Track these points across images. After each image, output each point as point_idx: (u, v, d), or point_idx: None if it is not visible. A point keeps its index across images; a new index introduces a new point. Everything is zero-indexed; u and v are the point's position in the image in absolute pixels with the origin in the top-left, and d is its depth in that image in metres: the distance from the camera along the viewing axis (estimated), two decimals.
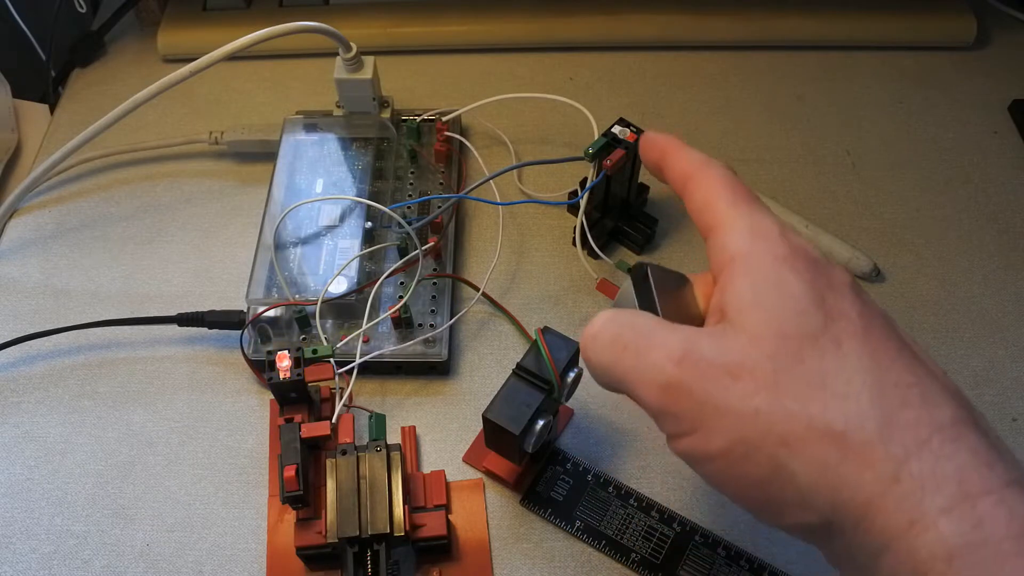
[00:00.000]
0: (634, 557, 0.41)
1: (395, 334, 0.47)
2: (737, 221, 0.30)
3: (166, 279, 0.52)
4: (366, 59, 0.54)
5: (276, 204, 0.52)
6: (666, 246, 0.53)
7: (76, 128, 0.52)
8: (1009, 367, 0.48)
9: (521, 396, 0.39)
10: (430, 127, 0.56)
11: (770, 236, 0.29)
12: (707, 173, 0.31)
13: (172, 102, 0.61)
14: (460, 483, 0.44)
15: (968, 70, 0.63)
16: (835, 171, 0.57)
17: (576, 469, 0.44)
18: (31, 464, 0.45)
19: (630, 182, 0.51)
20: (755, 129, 0.60)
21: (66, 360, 0.49)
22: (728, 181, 0.31)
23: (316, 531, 0.39)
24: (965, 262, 0.53)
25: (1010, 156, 0.58)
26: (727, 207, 0.30)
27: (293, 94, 0.62)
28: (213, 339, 0.49)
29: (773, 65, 0.63)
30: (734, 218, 0.30)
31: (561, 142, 0.59)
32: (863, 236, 0.53)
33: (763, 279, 0.28)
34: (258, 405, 0.47)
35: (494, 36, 0.64)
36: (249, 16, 0.64)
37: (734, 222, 0.30)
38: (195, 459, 0.45)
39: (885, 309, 0.29)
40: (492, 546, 0.42)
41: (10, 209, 0.55)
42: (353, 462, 0.39)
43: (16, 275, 0.53)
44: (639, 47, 0.64)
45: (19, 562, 0.42)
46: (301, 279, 0.49)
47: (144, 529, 0.43)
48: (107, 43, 0.66)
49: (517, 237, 0.54)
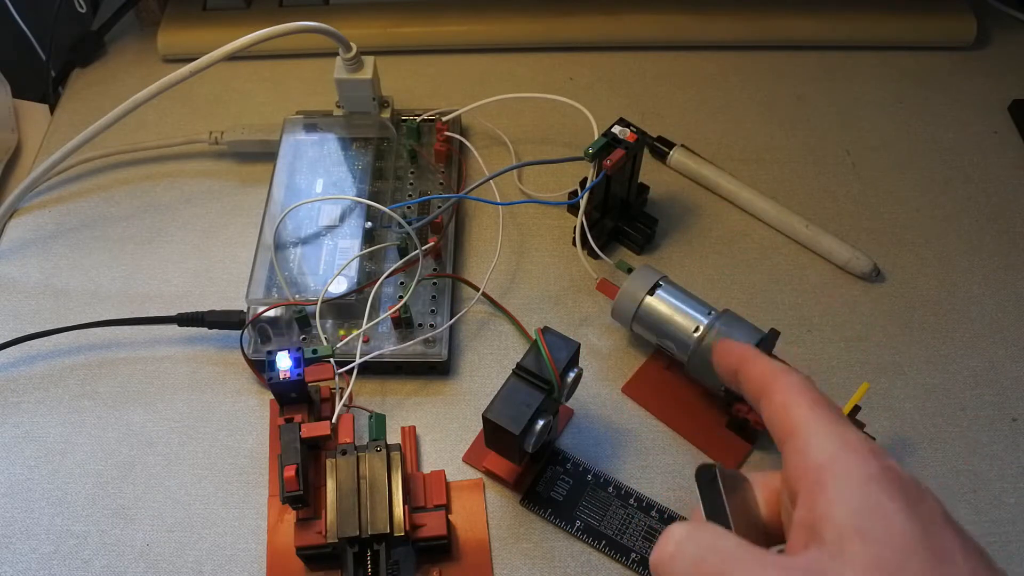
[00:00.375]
0: (634, 557, 0.41)
1: (395, 334, 0.47)
2: (821, 427, 0.28)
3: (166, 279, 0.52)
4: (366, 59, 0.54)
5: (276, 204, 0.52)
6: (666, 246, 0.53)
7: (76, 128, 0.52)
8: (1009, 367, 0.48)
9: (521, 396, 0.39)
10: (430, 127, 0.56)
11: (860, 450, 0.26)
12: (787, 379, 0.30)
13: (172, 102, 0.61)
14: (460, 483, 0.44)
15: (968, 70, 0.63)
16: (835, 171, 0.57)
17: (576, 469, 0.44)
18: (31, 464, 0.45)
19: (630, 182, 0.51)
20: (755, 129, 0.60)
21: (66, 360, 0.49)
22: (808, 388, 0.29)
23: (316, 531, 0.39)
24: (965, 262, 0.53)
25: (1010, 156, 0.58)
26: (808, 411, 0.28)
27: (293, 94, 0.62)
28: (213, 339, 0.49)
29: (773, 65, 0.63)
30: (817, 423, 0.28)
31: (561, 142, 0.59)
32: (863, 236, 0.53)
33: (861, 502, 0.25)
34: (258, 405, 0.47)
35: (494, 36, 0.64)
36: (249, 16, 0.64)
37: (817, 427, 0.28)
38: (195, 459, 0.45)
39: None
40: (492, 546, 0.42)
41: (10, 209, 0.55)
42: (353, 462, 0.39)
43: (16, 275, 0.53)
44: (639, 47, 0.64)
45: (19, 562, 0.42)
46: (301, 279, 0.49)
47: (144, 529, 0.43)
48: (107, 43, 0.66)
49: (517, 237, 0.54)
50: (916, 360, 0.49)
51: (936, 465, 0.45)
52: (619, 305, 0.46)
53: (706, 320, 0.44)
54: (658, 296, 0.45)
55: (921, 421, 0.46)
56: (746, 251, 0.53)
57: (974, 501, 0.43)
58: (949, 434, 0.46)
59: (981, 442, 0.45)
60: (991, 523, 0.43)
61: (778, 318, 0.50)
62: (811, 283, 0.52)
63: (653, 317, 0.45)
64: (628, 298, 0.46)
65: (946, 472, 0.44)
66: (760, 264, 0.53)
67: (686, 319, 0.44)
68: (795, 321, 0.50)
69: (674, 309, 0.45)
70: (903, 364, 0.48)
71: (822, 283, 0.52)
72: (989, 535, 0.42)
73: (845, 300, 0.51)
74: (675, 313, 0.44)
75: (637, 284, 0.45)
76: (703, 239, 0.54)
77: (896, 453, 0.45)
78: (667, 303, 0.45)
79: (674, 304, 0.45)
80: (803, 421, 0.28)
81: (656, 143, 0.57)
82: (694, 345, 0.43)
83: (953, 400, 0.47)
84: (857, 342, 0.49)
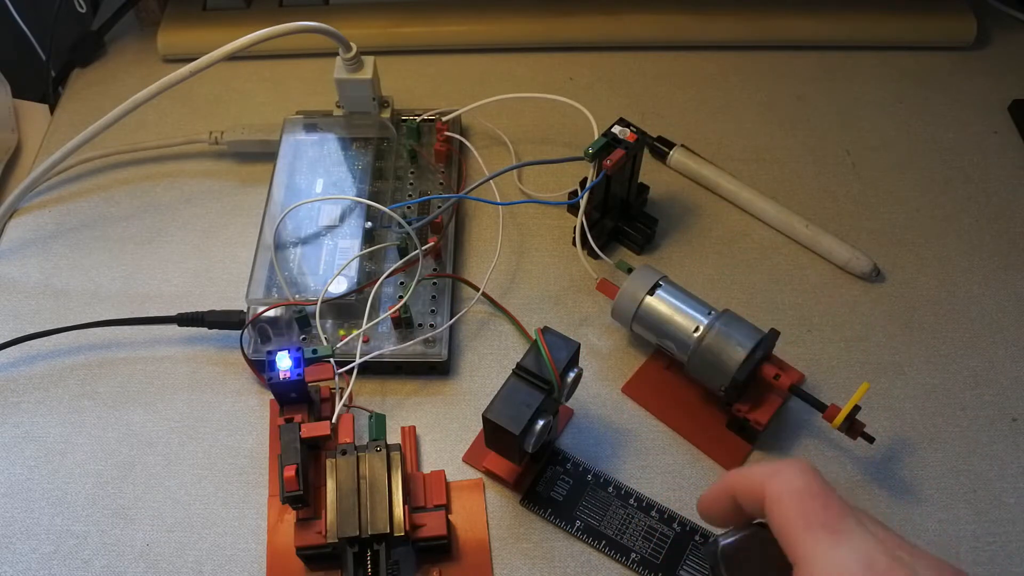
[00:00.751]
0: (634, 557, 0.41)
1: (395, 334, 0.47)
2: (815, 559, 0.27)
3: (166, 279, 0.52)
4: (366, 59, 0.54)
5: (276, 204, 0.52)
6: (666, 246, 0.53)
7: (76, 128, 0.52)
8: (1009, 367, 0.48)
9: (521, 396, 0.39)
10: (430, 127, 0.56)
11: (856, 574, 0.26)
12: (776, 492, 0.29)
13: (172, 102, 0.61)
14: (460, 483, 0.44)
15: (968, 70, 0.63)
16: (835, 171, 0.57)
17: (576, 469, 0.44)
18: (31, 464, 0.45)
19: (630, 182, 0.51)
20: (755, 129, 0.60)
21: (66, 360, 0.49)
22: (797, 498, 0.29)
23: (316, 531, 0.39)
24: (965, 262, 0.53)
25: (1010, 156, 0.58)
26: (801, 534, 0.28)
27: (293, 94, 0.62)
28: (213, 339, 0.49)
29: (773, 65, 0.63)
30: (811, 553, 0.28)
31: (561, 142, 0.59)
32: (863, 236, 0.53)
33: None
34: (258, 405, 0.47)
35: (494, 36, 0.64)
36: (249, 16, 0.64)
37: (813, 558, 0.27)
38: (195, 459, 0.45)
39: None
40: (492, 546, 0.42)
41: (10, 209, 0.55)
42: (353, 462, 0.39)
43: (16, 275, 0.53)
44: (639, 47, 0.64)
45: (19, 562, 0.42)
46: (301, 279, 0.49)
47: (144, 529, 0.43)
48: (107, 43, 0.66)
49: (517, 237, 0.54)
50: (916, 360, 0.49)
51: (936, 465, 0.45)
52: (619, 305, 0.46)
53: (706, 320, 0.44)
54: (658, 296, 0.45)
55: (921, 421, 0.46)
56: (746, 251, 0.53)
57: (974, 501, 0.43)
58: (949, 434, 0.46)
59: (981, 442, 0.45)
60: (991, 523, 0.43)
61: (778, 318, 0.50)
62: (811, 283, 0.52)
63: (653, 317, 0.45)
64: (628, 298, 0.46)
65: (946, 472, 0.44)
66: (760, 264, 0.53)
67: (686, 319, 0.44)
68: (795, 321, 0.50)
69: (674, 309, 0.45)
70: (903, 364, 0.48)
71: (822, 283, 0.52)
72: (989, 535, 0.42)
73: (845, 300, 0.51)
74: (675, 313, 0.44)
75: (637, 284, 0.45)
76: (703, 239, 0.54)
77: (896, 453, 0.45)
78: (667, 303, 0.45)
79: (674, 304, 0.45)
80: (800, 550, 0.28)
81: (656, 143, 0.57)
82: (694, 345, 0.43)
83: (953, 400, 0.47)
84: (857, 342, 0.49)
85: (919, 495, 0.44)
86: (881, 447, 0.45)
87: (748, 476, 0.31)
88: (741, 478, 0.31)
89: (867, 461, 0.45)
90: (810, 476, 0.29)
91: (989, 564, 0.41)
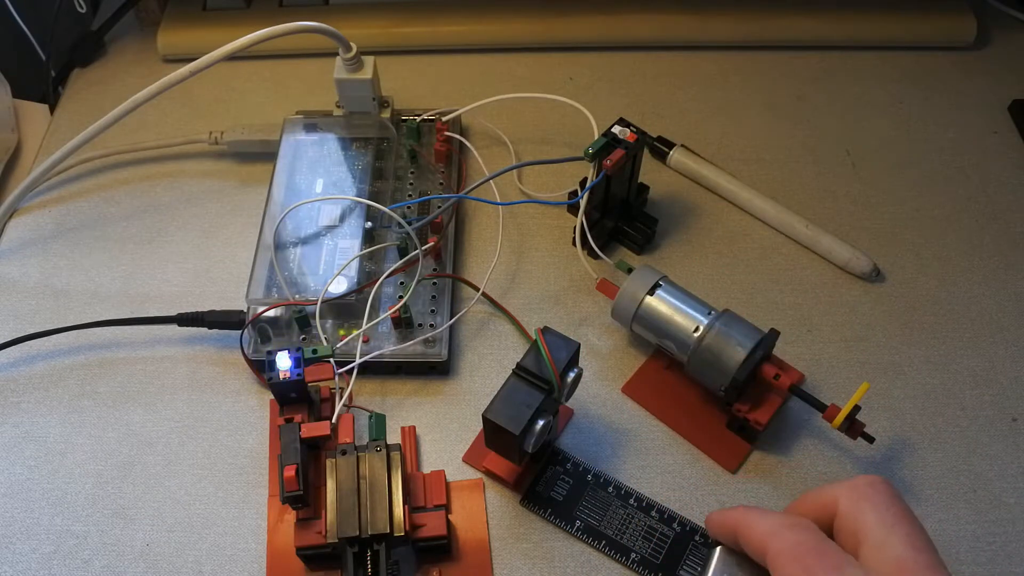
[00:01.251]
0: (634, 557, 0.41)
1: (395, 334, 0.47)
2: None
3: (166, 279, 0.52)
4: (366, 59, 0.54)
5: (276, 204, 0.52)
6: (666, 246, 0.53)
7: (76, 128, 0.52)
8: (1009, 367, 0.48)
9: (521, 396, 0.39)
10: (430, 127, 0.56)
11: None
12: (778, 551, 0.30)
13: (172, 102, 0.61)
14: (460, 483, 0.44)
15: (968, 70, 0.63)
16: (835, 171, 0.57)
17: (576, 469, 0.44)
18: (31, 464, 0.45)
19: (630, 182, 0.51)
20: (755, 129, 0.60)
21: (66, 360, 0.49)
22: (799, 553, 0.30)
23: (316, 531, 0.39)
24: (965, 262, 0.53)
25: (1010, 156, 0.58)
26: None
27: (293, 94, 0.62)
28: (213, 339, 0.49)
29: (773, 65, 0.63)
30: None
31: (561, 142, 0.59)
32: (863, 236, 0.53)
33: None
34: (258, 405, 0.47)
35: (494, 36, 0.64)
36: (249, 16, 0.64)
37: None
38: (195, 459, 0.45)
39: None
40: (492, 546, 0.42)
41: (10, 209, 0.55)
42: (353, 462, 0.39)
43: (16, 275, 0.53)
44: (639, 47, 0.64)
45: (19, 562, 0.42)
46: (301, 279, 0.49)
47: (144, 529, 0.43)
48: (107, 43, 0.66)
49: (517, 237, 0.54)
50: (916, 360, 0.49)
51: (936, 465, 0.45)
52: (619, 305, 0.46)
53: (706, 320, 0.44)
54: (658, 296, 0.45)
55: (921, 421, 0.46)
56: (746, 251, 0.53)
57: (974, 501, 0.43)
58: (949, 434, 0.46)
59: (981, 442, 0.45)
60: (991, 523, 0.43)
61: (778, 318, 0.50)
62: (811, 283, 0.52)
63: (653, 317, 0.45)
64: (628, 298, 0.46)
65: (946, 472, 0.44)
66: (760, 264, 0.53)
67: (686, 319, 0.44)
68: (795, 321, 0.50)
69: (674, 309, 0.45)
70: (903, 364, 0.48)
71: (822, 283, 0.52)
72: (989, 535, 0.42)
73: (845, 300, 0.51)
74: (675, 313, 0.44)
75: (637, 284, 0.45)
76: (703, 239, 0.54)
77: (896, 453, 0.45)
78: (667, 303, 0.45)
79: (674, 304, 0.45)
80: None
81: (656, 143, 0.57)
82: (694, 345, 0.43)
83: (953, 400, 0.47)
84: (857, 342, 0.49)
85: (919, 495, 0.44)
86: (881, 447, 0.45)
87: (756, 528, 0.32)
88: (746, 529, 0.33)
89: (867, 461, 0.45)
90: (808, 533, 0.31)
91: (989, 564, 0.41)
